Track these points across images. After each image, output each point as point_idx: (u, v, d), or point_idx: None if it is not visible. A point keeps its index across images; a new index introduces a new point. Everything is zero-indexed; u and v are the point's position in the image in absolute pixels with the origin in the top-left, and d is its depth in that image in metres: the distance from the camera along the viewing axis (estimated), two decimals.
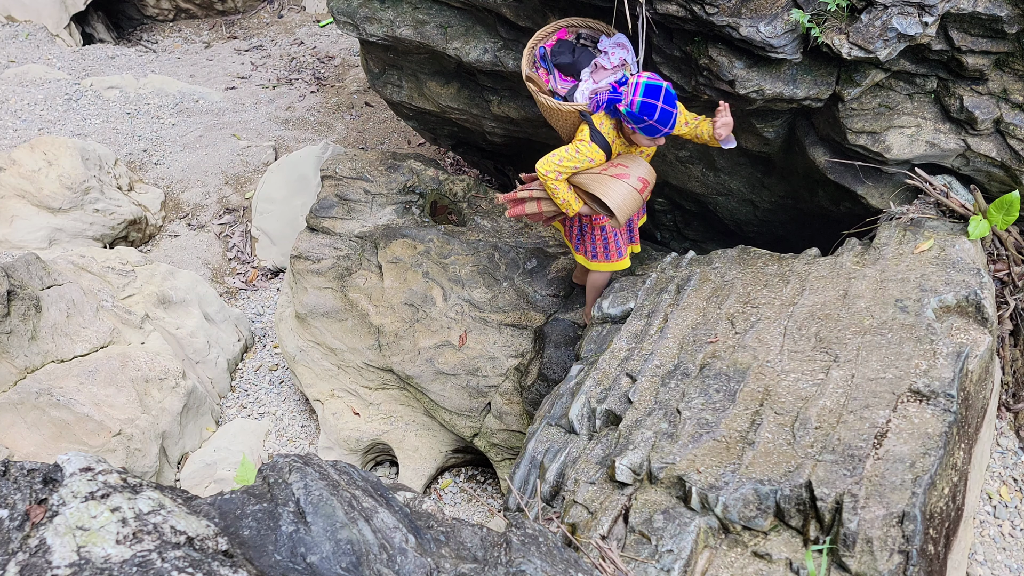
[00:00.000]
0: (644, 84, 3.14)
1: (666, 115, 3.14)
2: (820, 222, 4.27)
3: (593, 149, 3.37)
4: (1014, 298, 3.41)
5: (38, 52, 8.60)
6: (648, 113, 3.13)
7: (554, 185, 3.44)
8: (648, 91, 3.13)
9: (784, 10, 3.25)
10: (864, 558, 2.23)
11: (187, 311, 5.33)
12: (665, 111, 3.13)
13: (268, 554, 1.70)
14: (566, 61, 3.62)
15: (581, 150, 3.37)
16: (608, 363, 3.25)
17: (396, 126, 7.79)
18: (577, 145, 3.38)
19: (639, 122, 3.18)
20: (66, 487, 1.67)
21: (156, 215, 6.61)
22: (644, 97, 3.12)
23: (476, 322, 4.50)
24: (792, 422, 2.65)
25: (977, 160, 3.51)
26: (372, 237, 4.93)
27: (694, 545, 2.42)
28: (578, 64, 3.61)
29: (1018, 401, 3.49)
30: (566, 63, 3.62)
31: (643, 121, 3.17)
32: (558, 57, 3.62)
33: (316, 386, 4.94)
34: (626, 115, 3.20)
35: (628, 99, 3.17)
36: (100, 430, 4.39)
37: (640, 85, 3.14)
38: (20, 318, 4.43)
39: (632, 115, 3.17)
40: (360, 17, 4.69)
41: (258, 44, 9.54)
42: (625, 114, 3.20)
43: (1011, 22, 3.15)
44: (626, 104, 3.17)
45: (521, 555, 1.93)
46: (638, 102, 3.13)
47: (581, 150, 3.37)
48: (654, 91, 3.13)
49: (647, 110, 3.13)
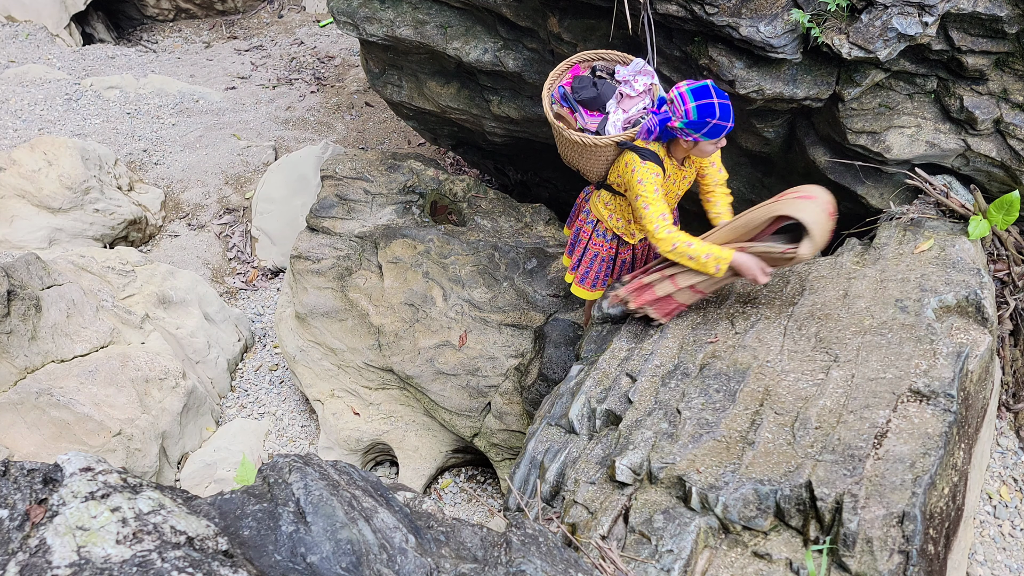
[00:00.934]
0: (689, 90, 3.00)
1: (725, 108, 2.98)
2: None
3: (649, 167, 3.17)
4: (1014, 298, 3.41)
5: (38, 52, 8.60)
6: (709, 114, 2.98)
7: (686, 246, 3.05)
8: (698, 94, 2.99)
9: (784, 10, 3.25)
10: (864, 558, 2.24)
11: (187, 311, 5.33)
12: (724, 105, 2.98)
13: (268, 554, 1.70)
14: (590, 95, 3.41)
15: (645, 180, 3.15)
16: (608, 363, 3.25)
17: (396, 126, 7.79)
18: (636, 181, 3.16)
19: (702, 127, 3.02)
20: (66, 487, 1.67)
21: (156, 215, 6.61)
22: (697, 101, 2.98)
23: (476, 322, 4.50)
24: (792, 422, 2.65)
25: (977, 160, 3.51)
26: (372, 237, 4.93)
27: (694, 545, 2.42)
28: (602, 96, 3.41)
29: (1018, 401, 3.49)
30: (590, 97, 3.41)
31: (706, 124, 3.00)
32: (580, 93, 3.42)
33: (316, 386, 4.94)
34: (685, 127, 3.04)
35: (680, 111, 3.02)
36: (100, 430, 4.39)
37: (686, 92, 3.00)
38: (20, 318, 4.43)
39: (692, 124, 3.01)
40: (360, 17, 4.69)
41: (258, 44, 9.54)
42: (683, 127, 3.04)
43: (1011, 22, 3.15)
44: (680, 117, 3.02)
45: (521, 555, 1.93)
46: (693, 108, 2.99)
47: (645, 180, 3.15)
48: (703, 91, 2.99)
49: (707, 111, 2.98)
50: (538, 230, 5.12)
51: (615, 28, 3.76)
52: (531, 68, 4.45)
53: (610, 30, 3.81)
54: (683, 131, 3.06)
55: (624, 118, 3.38)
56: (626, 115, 3.38)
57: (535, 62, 4.43)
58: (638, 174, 3.17)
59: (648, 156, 3.17)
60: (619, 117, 3.39)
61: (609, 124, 3.38)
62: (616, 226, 3.55)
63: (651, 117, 3.17)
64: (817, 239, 2.87)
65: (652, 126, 3.15)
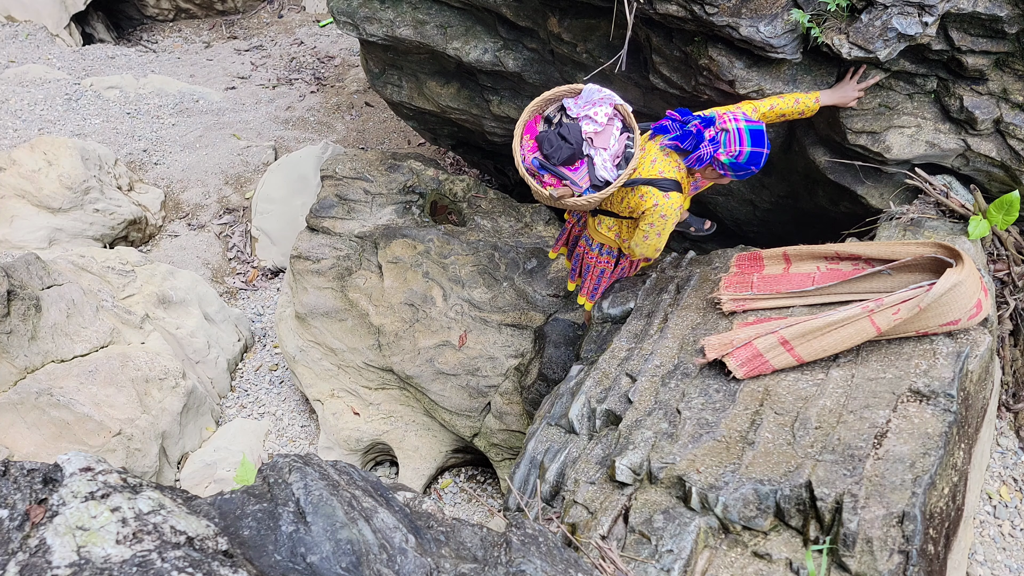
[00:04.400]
0: (748, 131, 2.92)
1: (766, 158, 2.99)
2: (820, 222, 4.26)
3: (674, 199, 3.11)
4: (1014, 298, 3.41)
5: (38, 52, 8.60)
6: (755, 163, 2.95)
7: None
8: (755, 138, 2.92)
9: (784, 10, 3.25)
10: (864, 558, 2.23)
11: (187, 311, 5.33)
12: (766, 156, 2.97)
13: (268, 554, 1.70)
14: (567, 153, 3.18)
15: (668, 216, 3.12)
16: (608, 363, 3.25)
17: (396, 126, 7.79)
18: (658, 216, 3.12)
19: (741, 169, 2.97)
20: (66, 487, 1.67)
21: (156, 215, 6.61)
22: (753, 147, 2.92)
23: (476, 322, 4.50)
24: (792, 422, 2.65)
25: (977, 160, 3.51)
26: (372, 237, 4.93)
27: (694, 545, 2.42)
28: (576, 145, 3.20)
29: (1018, 401, 3.49)
30: (569, 155, 3.18)
31: (747, 170, 2.97)
32: (557, 156, 3.17)
33: (316, 386, 4.94)
34: (729, 164, 2.98)
35: (733, 149, 2.94)
36: (100, 430, 4.39)
37: (744, 132, 2.92)
38: (20, 318, 4.43)
39: (737, 164, 2.96)
40: (360, 17, 4.69)
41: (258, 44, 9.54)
42: (729, 163, 2.98)
43: (1011, 22, 3.15)
44: (730, 154, 2.95)
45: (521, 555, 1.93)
46: (747, 152, 2.92)
47: (668, 216, 3.12)
48: (759, 138, 2.92)
49: (755, 159, 2.94)
50: (538, 230, 5.12)
51: (615, 28, 3.76)
52: (531, 68, 4.45)
53: (610, 30, 3.81)
54: (723, 166, 2.99)
55: (611, 155, 3.19)
56: (609, 151, 3.18)
57: (535, 62, 4.43)
58: (661, 208, 3.09)
59: (668, 187, 3.08)
60: (604, 157, 3.18)
61: (599, 169, 3.18)
62: (624, 245, 3.54)
63: (705, 147, 3.02)
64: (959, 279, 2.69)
65: (705, 156, 3.02)
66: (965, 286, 2.69)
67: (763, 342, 2.85)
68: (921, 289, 2.76)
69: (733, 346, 2.92)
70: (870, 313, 2.74)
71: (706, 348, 3.00)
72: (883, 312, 2.73)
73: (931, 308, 2.69)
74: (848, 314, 2.76)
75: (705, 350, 3.00)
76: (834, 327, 2.78)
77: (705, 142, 3.02)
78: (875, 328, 2.74)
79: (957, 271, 2.71)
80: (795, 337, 2.82)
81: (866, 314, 2.75)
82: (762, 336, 2.87)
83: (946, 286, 2.66)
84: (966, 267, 2.73)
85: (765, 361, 2.85)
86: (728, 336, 3.00)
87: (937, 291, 2.66)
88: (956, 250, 2.83)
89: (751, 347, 2.87)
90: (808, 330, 2.81)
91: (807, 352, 2.82)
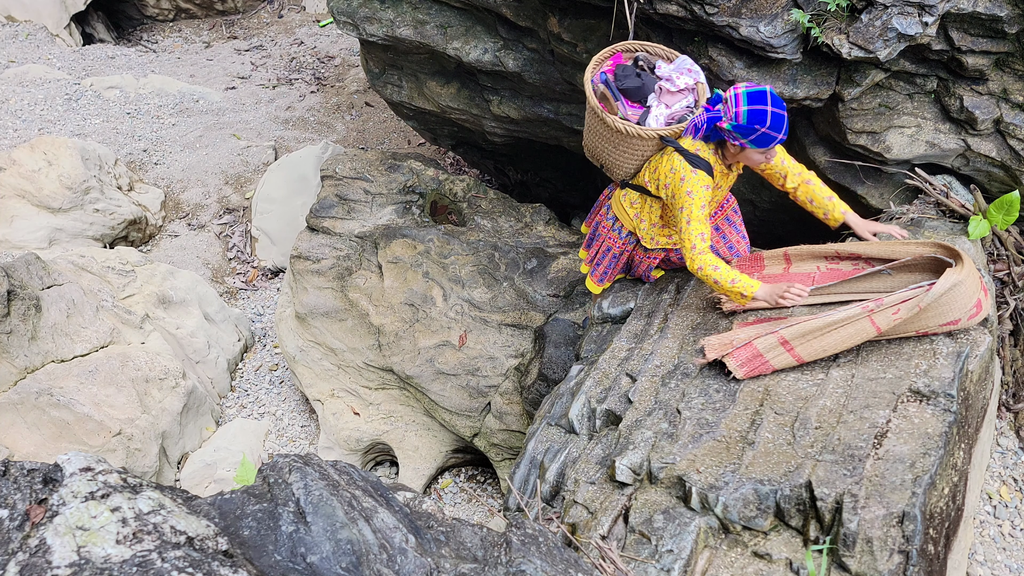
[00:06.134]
0: (745, 92, 2.86)
1: (778, 118, 2.84)
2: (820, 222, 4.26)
3: (700, 177, 3.00)
4: (1014, 298, 3.41)
5: (38, 52, 8.60)
6: (759, 120, 2.84)
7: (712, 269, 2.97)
8: (752, 98, 2.84)
9: (784, 10, 3.25)
10: (864, 558, 2.24)
11: (187, 311, 5.33)
12: (776, 115, 2.84)
13: (268, 554, 1.70)
14: (634, 85, 3.20)
15: (695, 192, 2.99)
16: (608, 363, 3.25)
17: (396, 126, 7.79)
18: (684, 192, 3.00)
19: (750, 133, 2.87)
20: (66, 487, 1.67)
21: (156, 215, 6.61)
22: (750, 105, 2.84)
23: (476, 322, 4.50)
24: (792, 422, 2.65)
25: (977, 160, 3.51)
26: (372, 237, 4.93)
27: (694, 545, 2.42)
28: (646, 88, 3.22)
29: (1018, 401, 3.49)
30: (634, 87, 3.20)
31: (754, 131, 2.86)
32: (623, 82, 3.20)
33: (316, 386, 4.94)
34: (732, 130, 2.90)
35: (731, 112, 2.88)
36: (100, 430, 4.39)
37: (741, 94, 2.87)
38: (20, 318, 4.43)
39: (740, 128, 2.87)
40: (360, 17, 4.69)
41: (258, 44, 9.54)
42: (731, 129, 2.90)
43: (1011, 22, 3.15)
44: (730, 118, 2.89)
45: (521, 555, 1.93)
46: (744, 112, 2.84)
47: (695, 192, 2.99)
48: (759, 96, 2.84)
49: (757, 117, 2.83)
50: (538, 230, 5.12)
51: (615, 28, 3.76)
52: (531, 68, 4.45)
53: (610, 30, 3.81)
54: (731, 134, 2.93)
55: (667, 113, 3.20)
56: (669, 110, 3.20)
57: (535, 62, 4.43)
58: (688, 184, 3.00)
59: (699, 164, 3.01)
60: (661, 111, 3.20)
61: (651, 118, 3.19)
62: (640, 228, 3.39)
63: (701, 113, 3.02)
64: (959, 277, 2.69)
65: (700, 123, 3.00)
66: (965, 286, 2.69)
67: (763, 342, 2.86)
68: (921, 289, 2.76)
69: (733, 346, 2.92)
70: (870, 313, 2.74)
71: (706, 348, 3.00)
72: (883, 312, 2.74)
73: (931, 308, 2.69)
74: (848, 314, 2.76)
75: (705, 350, 3.01)
76: (834, 327, 2.78)
77: (703, 113, 3.01)
78: (875, 328, 2.74)
79: (957, 271, 2.71)
80: (795, 337, 2.83)
81: (866, 314, 2.75)
82: (762, 336, 2.87)
83: (946, 286, 2.66)
84: (966, 267, 2.73)
85: (765, 361, 2.85)
86: (728, 336, 3.00)
87: (937, 291, 2.66)
88: (956, 250, 2.83)
89: (751, 347, 2.87)
90: (808, 330, 2.81)
91: (807, 352, 2.83)
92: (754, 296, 2.97)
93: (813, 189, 3.18)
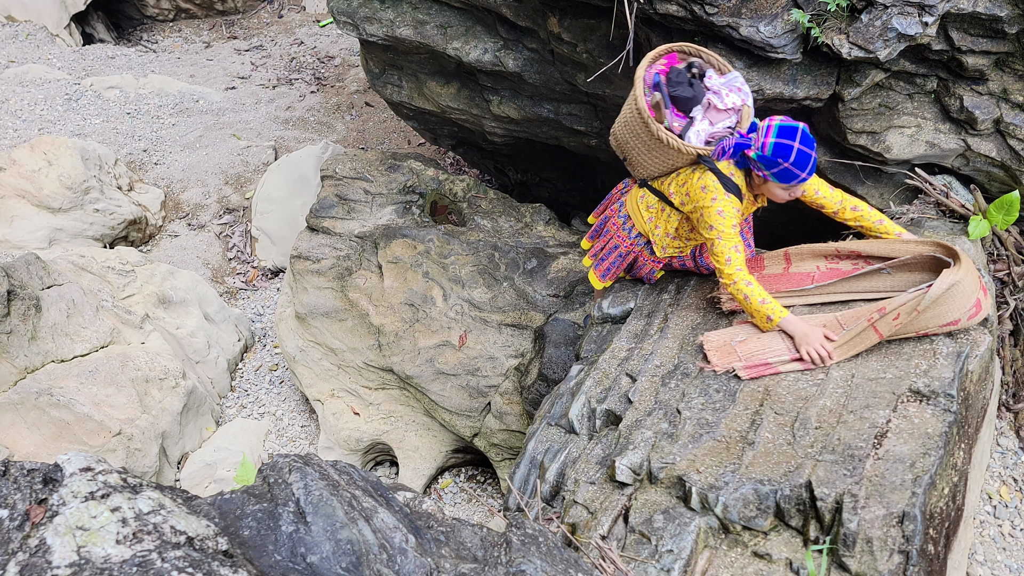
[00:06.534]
0: (777, 125, 2.85)
1: (804, 157, 2.82)
2: (820, 222, 4.26)
3: (732, 200, 2.99)
4: (1014, 298, 3.41)
5: (38, 52, 8.60)
6: (782, 155, 2.82)
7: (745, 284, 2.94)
8: (782, 132, 2.83)
9: (784, 10, 3.25)
10: (864, 558, 2.23)
11: (187, 311, 5.33)
12: (803, 152, 2.82)
13: (268, 554, 1.70)
14: (685, 95, 3.09)
15: (725, 212, 2.97)
16: (608, 363, 3.25)
17: (396, 126, 7.79)
18: (715, 212, 2.98)
19: (773, 166, 2.87)
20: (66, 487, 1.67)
21: (156, 215, 6.62)
22: (777, 138, 2.83)
23: (476, 322, 4.50)
24: (792, 422, 2.65)
25: (977, 160, 3.51)
26: (372, 237, 4.93)
27: (694, 545, 2.42)
28: (695, 100, 3.13)
29: (1018, 401, 3.49)
30: (684, 97, 3.09)
31: (777, 164, 2.85)
32: (676, 88, 3.10)
33: (316, 386, 4.94)
34: (757, 159, 2.89)
35: (759, 141, 2.87)
36: (100, 430, 4.39)
37: (772, 127, 2.86)
38: (20, 318, 4.43)
39: (764, 159, 2.86)
40: (360, 17, 4.69)
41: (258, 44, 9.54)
42: (756, 159, 2.89)
43: (1011, 22, 3.15)
44: (756, 148, 2.87)
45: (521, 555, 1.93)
46: (770, 144, 2.83)
47: (725, 212, 2.97)
48: (789, 131, 2.83)
49: (781, 151, 2.82)
50: (538, 230, 5.13)
51: (615, 28, 3.77)
52: (531, 68, 4.45)
53: (610, 30, 3.81)
54: (756, 163, 2.92)
55: (709, 131, 3.12)
56: (711, 128, 3.13)
57: (535, 62, 4.43)
58: (719, 204, 2.98)
59: (731, 188, 3.00)
60: (704, 127, 3.12)
61: (692, 132, 3.12)
62: (654, 234, 3.35)
63: (732, 137, 2.99)
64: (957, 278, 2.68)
65: (727, 147, 2.97)
66: (963, 286, 2.69)
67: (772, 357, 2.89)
68: (919, 292, 2.77)
69: (735, 350, 2.94)
70: (872, 324, 2.77)
71: (705, 344, 3.01)
72: (884, 320, 2.76)
73: (929, 310, 2.70)
74: (853, 331, 2.80)
75: (704, 346, 3.01)
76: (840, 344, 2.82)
77: (735, 138, 2.97)
78: (878, 335, 2.77)
79: (954, 272, 2.72)
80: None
81: (869, 325, 2.77)
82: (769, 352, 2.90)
83: (943, 287, 2.67)
84: (963, 267, 2.73)
85: (770, 365, 2.87)
86: (727, 333, 3.02)
87: (934, 293, 2.67)
88: (954, 249, 2.84)
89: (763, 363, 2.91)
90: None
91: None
92: (780, 324, 2.92)
93: (860, 216, 3.12)
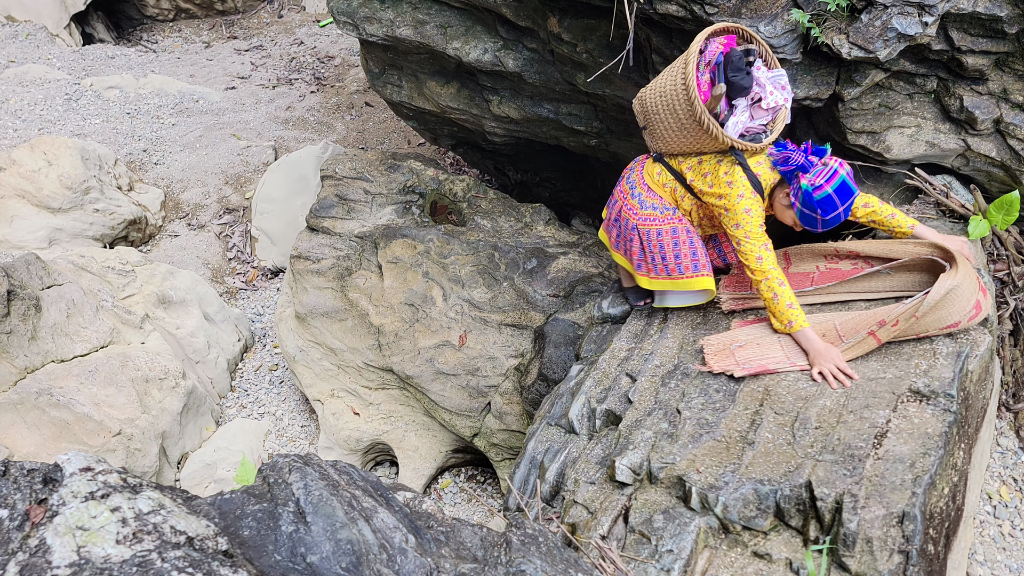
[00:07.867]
0: (843, 180, 2.79)
1: (835, 220, 2.84)
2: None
3: (757, 199, 2.95)
4: (1014, 298, 3.41)
5: (38, 52, 8.60)
6: (824, 209, 2.81)
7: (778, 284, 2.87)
8: (841, 190, 2.78)
9: (784, 10, 3.25)
10: (864, 558, 2.23)
11: (187, 311, 5.33)
12: (837, 217, 2.82)
13: (268, 554, 1.70)
14: (742, 84, 2.96)
15: (752, 211, 2.91)
16: (608, 363, 3.25)
17: (396, 126, 7.79)
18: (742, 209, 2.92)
19: (808, 207, 2.83)
20: (66, 487, 1.67)
21: (156, 215, 6.62)
22: (832, 192, 2.78)
23: (476, 322, 4.50)
24: (792, 422, 2.65)
25: (977, 160, 3.51)
26: (372, 237, 4.93)
27: (694, 545, 2.42)
28: (748, 90, 3.02)
29: (1018, 401, 3.49)
30: (741, 85, 2.97)
31: (812, 210, 2.83)
32: (735, 75, 2.96)
33: (316, 386, 4.94)
34: (801, 190, 2.83)
35: (817, 179, 2.80)
36: (100, 430, 4.39)
37: (837, 178, 2.79)
38: (20, 318, 4.43)
39: (807, 198, 2.81)
40: (360, 17, 4.69)
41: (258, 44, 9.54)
42: (802, 189, 2.83)
43: (1011, 22, 3.15)
44: (812, 183, 2.81)
45: (521, 555, 1.93)
46: (825, 192, 2.78)
47: (752, 211, 2.91)
48: (846, 193, 2.79)
49: (827, 206, 2.80)
50: (538, 230, 5.13)
51: (615, 28, 3.77)
52: (531, 68, 4.45)
53: (610, 30, 3.81)
54: (796, 190, 2.87)
55: (747, 126, 3.04)
56: (750, 123, 3.06)
57: (535, 62, 4.43)
58: (746, 203, 2.93)
59: (759, 190, 2.96)
60: (743, 120, 3.03)
61: (731, 122, 3.01)
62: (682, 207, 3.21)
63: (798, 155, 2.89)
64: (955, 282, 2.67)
65: (794, 162, 2.88)
66: (961, 289, 2.69)
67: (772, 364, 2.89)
68: (917, 299, 2.78)
69: (734, 353, 2.94)
70: (872, 333, 2.79)
71: (705, 347, 3.01)
72: (883, 328, 2.77)
73: (928, 315, 2.70)
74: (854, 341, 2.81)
75: (704, 349, 3.01)
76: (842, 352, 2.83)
77: (801, 154, 2.91)
78: (877, 341, 2.79)
79: (951, 275, 2.72)
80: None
81: (869, 335, 2.79)
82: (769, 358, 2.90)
83: (941, 292, 2.67)
84: (961, 269, 2.73)
85: (768, 368, 2.88)
86: (728, 336, 3.01)
87: (932, 299, 2.67)
88: (951, 252, 2.84)
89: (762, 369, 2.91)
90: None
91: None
92: (797, 335, 2.88)
93: (872, 212, 3.09)
